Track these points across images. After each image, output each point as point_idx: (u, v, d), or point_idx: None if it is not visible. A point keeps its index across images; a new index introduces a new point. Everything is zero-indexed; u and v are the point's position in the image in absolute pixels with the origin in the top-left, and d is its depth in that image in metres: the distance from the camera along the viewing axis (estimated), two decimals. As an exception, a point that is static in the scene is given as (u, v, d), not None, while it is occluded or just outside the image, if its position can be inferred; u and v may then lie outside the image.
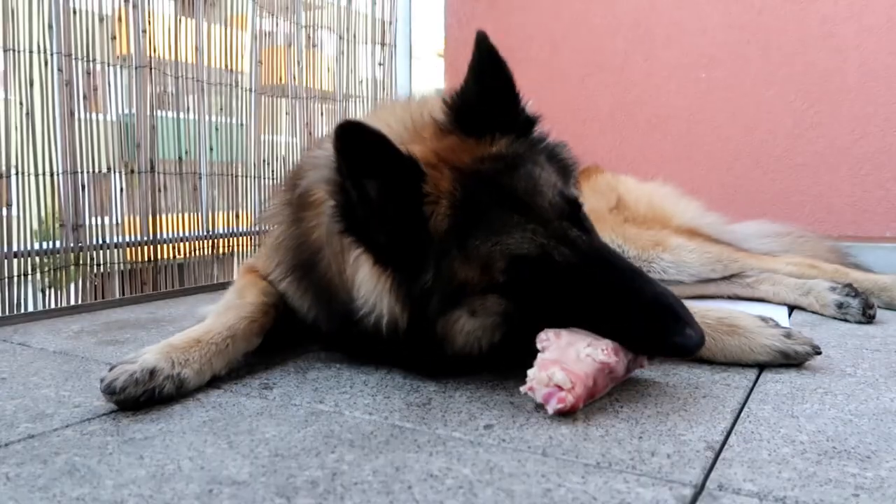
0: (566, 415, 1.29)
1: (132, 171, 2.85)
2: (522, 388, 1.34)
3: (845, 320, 2.26)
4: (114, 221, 2.83)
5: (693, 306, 1.37)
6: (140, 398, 1.36)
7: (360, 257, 1.47)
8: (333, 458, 1.12)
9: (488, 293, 1.43)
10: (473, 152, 1.49)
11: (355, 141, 1.35)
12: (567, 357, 1.32)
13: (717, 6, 3.93)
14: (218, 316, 1.66)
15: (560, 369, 1.28)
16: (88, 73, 2.68)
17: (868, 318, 2.22)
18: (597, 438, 1.19)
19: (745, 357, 1.64)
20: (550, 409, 1.28)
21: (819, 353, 1.65)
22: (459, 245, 1.40)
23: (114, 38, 2.74)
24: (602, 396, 1.40)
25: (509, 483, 1.02)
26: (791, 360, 1.63)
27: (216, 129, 3.26)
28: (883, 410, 1.35)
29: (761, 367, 1.63)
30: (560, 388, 1.27)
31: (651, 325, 1.37)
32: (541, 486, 1.01)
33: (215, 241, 3.29)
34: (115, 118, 2.80)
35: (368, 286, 1.47)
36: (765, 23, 3.83)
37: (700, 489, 1.00)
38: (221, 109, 3.30)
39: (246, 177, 3.46)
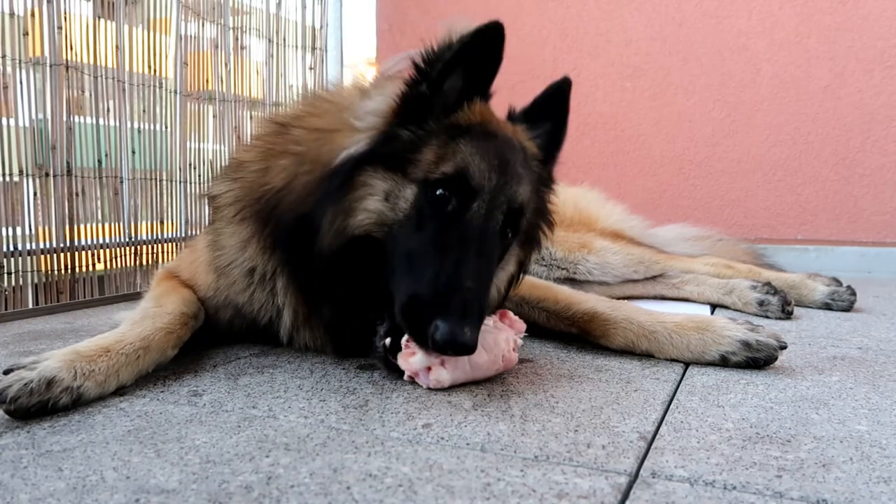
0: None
1: (47, 175, 2.70)
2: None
3: (766, 317, 2.37)
4: (26, 228, 2.67)
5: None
6: (31, 409, 1.28)
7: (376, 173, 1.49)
8: (268, 462, 1.09)
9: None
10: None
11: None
12: None
13: (641, 18, 4.08)
14: (132, 325, 1.58)
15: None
16: (-4, 72, 2.53)
17: (787, 314, 2.34)
18: (534, 433, 1.21)
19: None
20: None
21: None
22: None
23: (26, 33, 2.60)
24: (525, 387, 1.42)
25: (449, 479, 1.02)
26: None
27: (138, 132, 3.14)
28: (800, 398, 1.42)
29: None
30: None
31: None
32: (480, 480, 1.01)
33: (138, 248, 3.15)
34: (27, 121, 2.65)
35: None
36: (685, 35, 4.00)
37: (634, 477, 1.03)
38: (144, 112, 3.18)
39: (171, 181, 3.34)
